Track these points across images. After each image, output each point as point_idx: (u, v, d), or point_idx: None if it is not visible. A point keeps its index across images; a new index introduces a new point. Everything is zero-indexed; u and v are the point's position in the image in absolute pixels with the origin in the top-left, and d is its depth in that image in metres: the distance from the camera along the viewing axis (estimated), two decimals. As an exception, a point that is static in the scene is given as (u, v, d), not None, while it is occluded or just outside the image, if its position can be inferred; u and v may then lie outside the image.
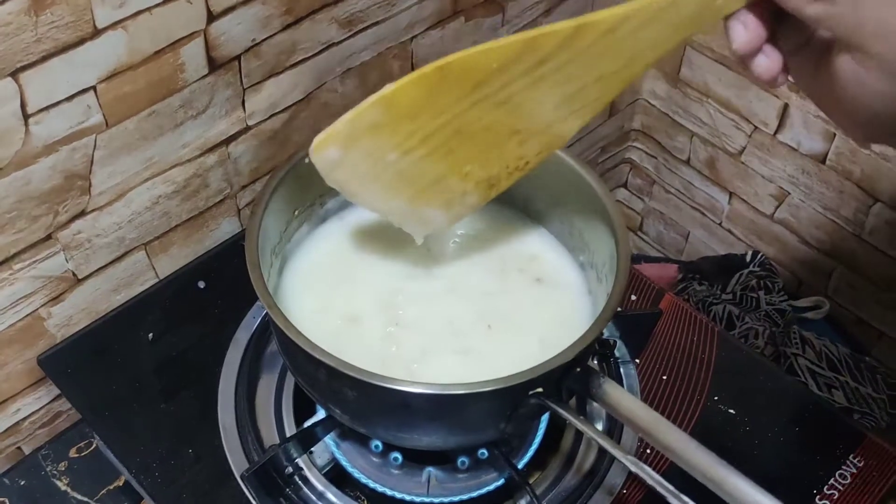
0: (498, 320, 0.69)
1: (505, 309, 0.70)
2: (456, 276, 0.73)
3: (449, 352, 0.67)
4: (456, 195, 0.64)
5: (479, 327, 0.69)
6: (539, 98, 0.56)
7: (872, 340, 1.31)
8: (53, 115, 0.70)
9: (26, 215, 0.74)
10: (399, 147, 0.60)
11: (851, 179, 1.20)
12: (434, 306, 0.70)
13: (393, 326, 0.69)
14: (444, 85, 0.56)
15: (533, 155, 0.62)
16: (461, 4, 0.98)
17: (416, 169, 0.61)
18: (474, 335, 0.68)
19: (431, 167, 0.61)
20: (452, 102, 0.57)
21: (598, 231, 0.70)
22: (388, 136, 0.59)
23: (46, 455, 0.81)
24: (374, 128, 0.59)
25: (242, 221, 0.94)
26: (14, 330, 0.80)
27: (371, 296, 0.71)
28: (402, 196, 0.64)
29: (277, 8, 0.81)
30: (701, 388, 0.82)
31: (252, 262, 0.62)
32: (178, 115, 0.80)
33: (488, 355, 0.67)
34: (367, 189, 0.63)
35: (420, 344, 0.67)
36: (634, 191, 1.55)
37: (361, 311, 0.70)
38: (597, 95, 0.56)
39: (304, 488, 0.73)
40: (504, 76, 0.55)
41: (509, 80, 0.55)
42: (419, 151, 0.60)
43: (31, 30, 0.65)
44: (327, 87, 0.91)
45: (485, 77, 0.55)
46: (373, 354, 0.66)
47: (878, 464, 0.78)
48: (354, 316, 0.69)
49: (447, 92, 0.56)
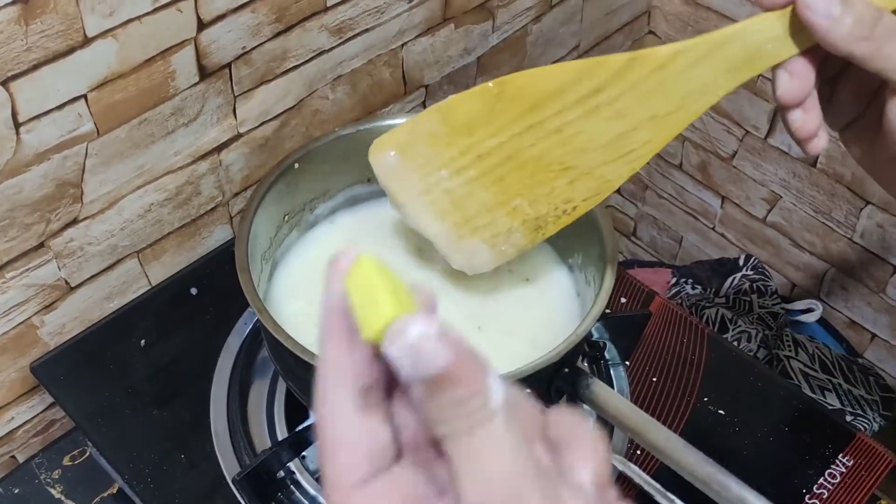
0: (488, 321, 0.70)
1: (495, 310, 0.71)
2: (446, 277, 0.73)
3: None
4: (502, 231, 0.64)
5: (469, 328, 0.69)
6: (592, 131, 0.57)
7: (865, 342, 1.32)
8: (45, 123, 0.71)
9: (18, 223, 0.75)
10: (452, 163, 0.61)
11: (842, 182, 1.21)
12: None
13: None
14: (501, 102, 0.57)
15: (581, 199, 0.61)
16: (451, 11, 0.98)
17: (466, 191, 0.62)
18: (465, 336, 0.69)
19: (481, 193, 0.62)
20: (508, 122, 0.58)
21: (585, 233, 0.70)
22: (443, 148, 0.60)
23: (40, 463, 0.82)
24: (430, 137, 0.60)
25: (234, 229, 0.94)
26: (7, 338, 0.80)
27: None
28: (448, 220, 0.64)
29: (268, 16, 0.81)
30: (691, 390, 0.83)
31: (242, 266, 0.62)
32: (170, 123, 0.80)
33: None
34: (416, 204, 0.64)
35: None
36: (627, 196, 1.56)
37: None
38: (647, 138, 0.56)
39: (297, 492, 0.73)
40: (559, 101, 0.56)
41: (564, 107, 0.56)
42: (470, 172, 0.61)
43: (22, 38, 0.66)
44: (318, 94, 0.92)
45: (541, 99, 0.56)
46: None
47: (867, 463, 0.78)
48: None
49: (504, 110, 0.57)
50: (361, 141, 0.75)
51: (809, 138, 0.50)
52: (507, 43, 1.08)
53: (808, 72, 0.49)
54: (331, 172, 0.75)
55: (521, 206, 0.63)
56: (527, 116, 0.57)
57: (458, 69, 1.04)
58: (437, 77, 1.02)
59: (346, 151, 0.75)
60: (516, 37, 1.09)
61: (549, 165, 0.59)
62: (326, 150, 0.74)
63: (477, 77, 1.08)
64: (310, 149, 0.72)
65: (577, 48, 1.20)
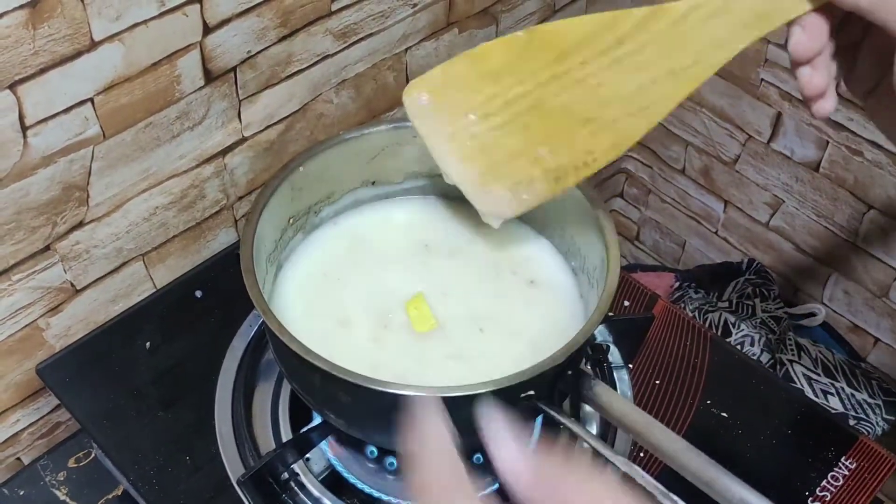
0: (490, 323, 0.70)
1: (497, 312, 0.71)
2: (449, 279, 0.73)
3: (441, 355, 0.68)
4: (524, 179, 0.65)
5: (471, 330, 0.69)
6: (614, 83, 0.59)
7: (868, 347, 1.32)
8: (51, 126, 0.72)
9: (25, 226, 0.75)
10: (480, 108, 0.63)
11: (845, 187, 1.21)
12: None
13: (385, 330, 0.69)
14: (529, 51, 0.59)
15: (601, 151, 0.63)
16: (455, 16, 0.99)
17: (492, 137, 0.64)
18: (466, 338, 0.69)
19: (506, 139, 0.63)
20: (535, 71, 0.60)
21: (588, 236, 0.71)
22: (473, 93, 0.62)
23: (45, 465, 0.82)
24: (461, 81, 0.62)
25: (239, 232, 0.95)
26: (13, 340, 0.81)
27: (364, 301, 0.71)
28: (476, 165, 0.65)
29: (272, 20, 0.82)
30: (694, 393, 0.83)
31: (247, 268, 0.63)
32: (175, 127, 0.81)
33: (480, 358, 0.68)
34: (445, 147, 0.65)
35: (412, 348, 0.68)
36: (630, 200, 1.56)
37: (354, 316, 0.70)
38: (666, 92, 0.58)
39: (301, 494, 0.73)
40: (584, 52, 0.58)
41: (588, 58, 0.58)
42: (497, 118, 0.63)
43: (29, 43, 0.66)
44: (322, 98, 0.92)
45: (567, 50, 0.58)
46: (365, 359, 0.66)
47: (870, 465, 0.78)
48: (347, 320, 0.70)
49: (531, 59, 0.60)
50: (366, 144, 0.76)
51: (815, 97, 0.53)
52: (511, 47, 1.09)
53: (820, 29, 0.51)
54: (335, 176, 0.75)
55: (543, 156, 0.64)
56: (553, 66, 0.59)
57: (462, 73, 1.04)
58: (441, 81, 1.03)
59: (351, 155, 0.75)
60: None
61: (573, 115, 0.61)
62: (331, 154, 0.74)
63: (480, 81, 1.08)
64: (315, 152, 0.73)
65: (580, 53, 1.21)
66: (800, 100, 1.18)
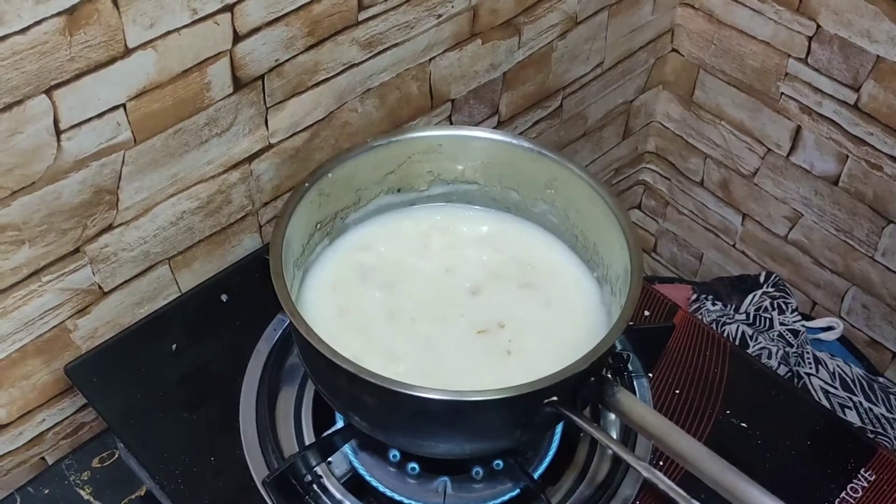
0: (515, 330, 0.71)
1: (522, 319, 0.72)
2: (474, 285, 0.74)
3: (466, 360, 0.68)
4: None
5: (496, 336, 0.70)
6: None
7: (886, 361, 1.32)
8: (84, 131, 0.73)
9: (56, 229, 0.77)
10: None
11: (864, 201, 1.21)
12: (451, 314, 0.72)
13: (412, 335, 0.70)
14: None
15: None
16: (479, 27, 1.00)
17: None
18: (491, 343, 0.70)
19: None
20: None
21: (612, 246, 0.71)
22: None
23: (70, 465, 0.83)
24: None
25: (264, 238, 0.96)
26: (41, 341, 0.82)
27: (389, 306, 0.72)
28: None
29: (301, 29, 0.83)
30: (713, 403, 0.83)
31: (276, 271, 0.64)
32: (203, 133, 0.82)
33: (504, 364, 0.68)
34: None
35: (438, 352, 0.69)
36: (648, 212, 1.57)
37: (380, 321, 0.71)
38: None
39: (323, 496, 0.74)
40: None
41: None
42: None
43: (66, 49, 0.68)
44: (348, 106, 0.93)
45: None
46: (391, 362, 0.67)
47: (889, 478, 0.78)
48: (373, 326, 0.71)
49: None
50: (393, 152, 0.77)
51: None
52: (533, 59, 1.10)
53: None
54: (362, 182, 0.77)
55: None
56: None
57: (484, 84, 1.06)
58: (464, 91, 1.04)
59: (378, 162, 0.76)
60: (542, 53, 1.11)
61: None
62: (359, 161, 0.75)
63: (502, 92, 1.09)
64: (343, 159, 0.74)
65: (601, 65, 1.22)
66: (819, 114, 1.19)
